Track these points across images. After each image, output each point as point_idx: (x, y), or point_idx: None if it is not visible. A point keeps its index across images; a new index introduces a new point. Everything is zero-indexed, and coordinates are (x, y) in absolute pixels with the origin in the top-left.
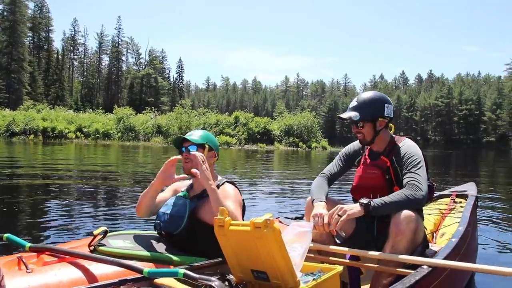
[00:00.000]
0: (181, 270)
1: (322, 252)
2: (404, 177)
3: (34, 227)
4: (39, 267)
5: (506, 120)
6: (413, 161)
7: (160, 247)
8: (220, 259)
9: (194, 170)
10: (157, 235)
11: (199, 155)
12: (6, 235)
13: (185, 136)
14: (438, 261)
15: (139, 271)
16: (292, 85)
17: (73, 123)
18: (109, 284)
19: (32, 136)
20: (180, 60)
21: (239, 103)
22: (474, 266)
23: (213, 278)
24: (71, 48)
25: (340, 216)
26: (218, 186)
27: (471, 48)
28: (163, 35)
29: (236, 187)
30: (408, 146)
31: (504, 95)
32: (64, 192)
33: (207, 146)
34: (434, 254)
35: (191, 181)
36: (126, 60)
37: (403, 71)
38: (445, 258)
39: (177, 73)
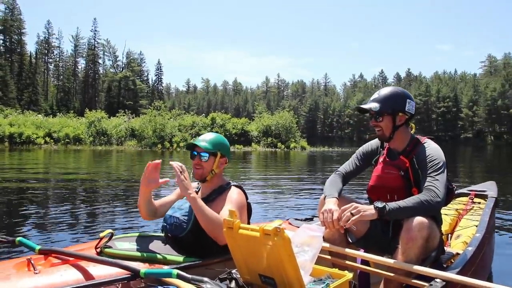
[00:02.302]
0: (175, 271)
1: (333, 253)
2: (424, 180)
3: (45, 231)
4: (46, 268)
5: (482, 116)
6: (435, 165)
7: (166, 249)
8: (228, 256)
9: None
10: (164, 237)
11: (176, 165)
12: (18, 238)
13: (195, 142)
14: (452, 275)
15: (136, 271)
16: (273, 85)
17: (42, 128)
18: (107, 283)
19: None
20: (158, 62)
21: (220, 105)
22: (490, 285)
23: (205, 279)
24: (46, 51)
25: (352, 214)
26: (224, 190)
27: (445, 47)
28: (141, 37)
29: (243, 190)
30: (431, 148)
31: (480, 92)
32: (67, 197)
33: (219, 153)
34: (449, 259)
35: (197, 184)
36: (103, 63)
37: (382, 70)
38: (461, 270)
39: (156, 75)
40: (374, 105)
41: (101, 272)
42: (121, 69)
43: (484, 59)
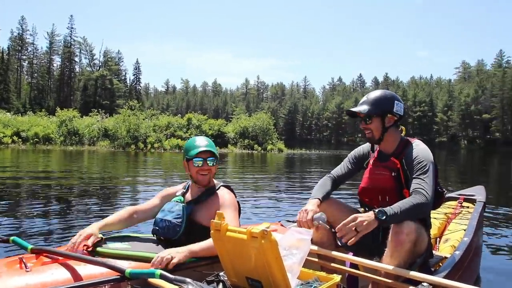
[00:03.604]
0: (158, 271)
1: (321, 256)
2: (412, 182)
3: (38, 231)
4: (37, 267)
5: (456, 121)
6: (422, 166)
7: (158, 250)
8: (216, 258)
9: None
10: (156, 239)
11: (158, 260)
12: (12, 237)
13: (209, 149)
14: (439, 279)
15: (122, 271)
16: (253, 87)
17: (10, 126)
18: (95, 283)
19: None
20: (137, 61)
21: (199, 106)
22: None
23: (188, 280)
24: (19, 47)
25: (357, 231)
26: (214, 191)
27: (423, 53)
28: (119, 36)
29: (231, 190)
30: (419, 149)
31: (454, 98)
32: (52, 196)
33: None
34: (437, 263)
35: (183, 185)
36: (80, 61)
37: (360, 74)
38: (448, 273)
39: (134, 75)
40: (363, 108)
41: (91, 271)
42: (98, 67)
43: (458, 66)
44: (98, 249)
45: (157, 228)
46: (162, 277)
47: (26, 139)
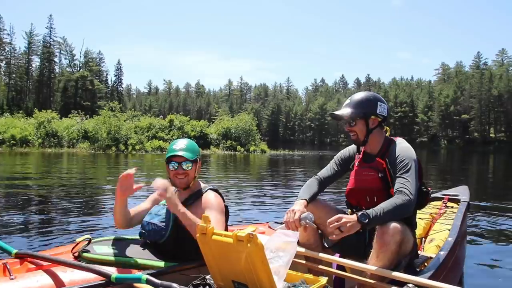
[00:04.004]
0: (144, 276)
1: (308, 258)
2: (395, 182)
3: (22, 234)
4: (22, 273)
5: (437, 121)
6: (404, 165)
7: (145, 254)
8: (203, 261)
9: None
10: (143, 241)
11: (160, 185)
12: None
13: (179, 154)
14: (424, 280)
15: (108, 276)
16: (236, 88)
17: None
18: None
19: None
20: (118, 62)
21: (182, 107)
22: None
23: (174, 285)
24: None
25: (341, 230)
26: (201, 194)
27: (404, 54)
28: (100, 36)
29: (219, 193)
30: (401, 147)
31: (434, 98)
32: (41, 200)
33: (198, 159)
34: (422, 263)
35: (173, 188)
36: (59, 61)
37: (342, 75)
38: (433, 274)
39: (115, 75)
40: (346, 111)
41: (77, 277)
42: (78, 68)
43: (438, 67)
44: (84, 254)
45: (143, 231)
46: (148, 282)
47: (2, 142)
